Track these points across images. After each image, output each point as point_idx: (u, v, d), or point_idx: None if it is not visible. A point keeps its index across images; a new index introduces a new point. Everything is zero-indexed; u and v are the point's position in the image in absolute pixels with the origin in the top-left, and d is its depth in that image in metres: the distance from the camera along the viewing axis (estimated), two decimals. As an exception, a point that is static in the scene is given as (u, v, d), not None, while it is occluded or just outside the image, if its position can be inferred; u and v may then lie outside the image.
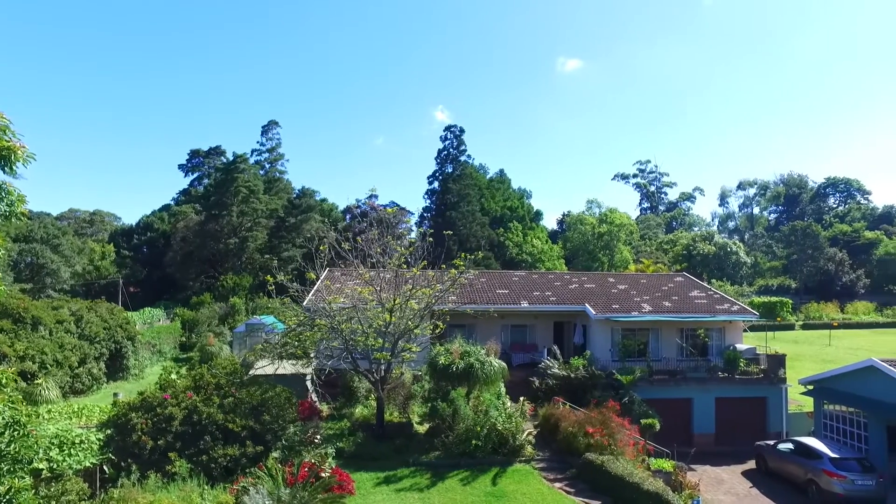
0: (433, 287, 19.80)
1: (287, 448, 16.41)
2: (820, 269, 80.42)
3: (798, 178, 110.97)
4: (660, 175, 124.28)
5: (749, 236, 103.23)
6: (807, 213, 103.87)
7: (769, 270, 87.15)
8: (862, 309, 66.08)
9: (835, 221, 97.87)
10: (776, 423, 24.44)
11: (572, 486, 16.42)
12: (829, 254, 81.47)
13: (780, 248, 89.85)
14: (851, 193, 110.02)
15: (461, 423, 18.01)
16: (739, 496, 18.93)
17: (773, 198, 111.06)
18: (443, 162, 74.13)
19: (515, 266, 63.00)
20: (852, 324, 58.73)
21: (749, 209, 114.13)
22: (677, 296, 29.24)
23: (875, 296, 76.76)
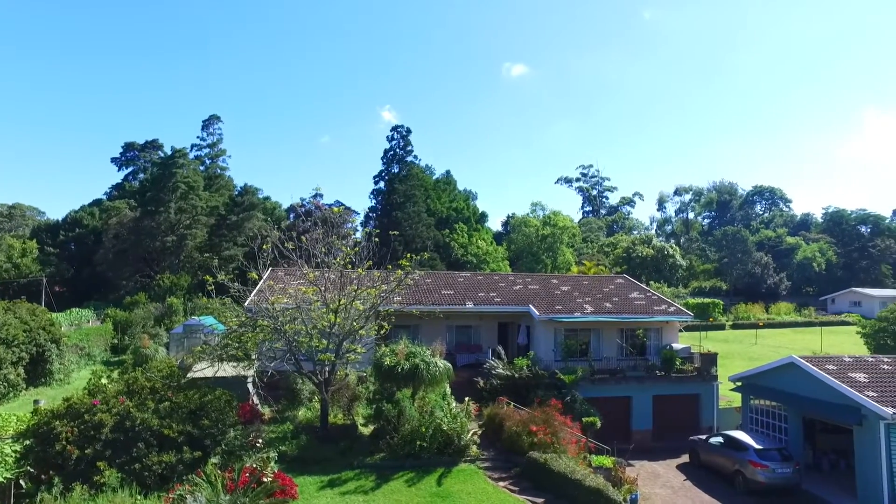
0: (379, 287, 19.65)
1: (227, 453, 15.89)
2: (748, 272, 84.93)
3: (729, 186, 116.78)
4: (602, 180, 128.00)
5: (685, 240, 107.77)
6: (736, 218, 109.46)
7: (703, 273, 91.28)
8: (784, 309, 70.12)
9: (761, 227, 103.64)
10: (708, 419, 25.59)
11: (516, 484, 16.65)
12: (756, 258, 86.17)
13: (712, 251, 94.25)
14: (775, 201, 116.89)
15: (406, 424, 17.95)
16: (674, 489, 19.71)
17: (707, 204, 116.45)
18: (389, 162, 73.78)
19: (461, 267, 63.37)
20: (776, 323, 62.21)
21: (685, 214, 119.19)
22: (618, 297, 30.11)
23: (795, 297, 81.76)
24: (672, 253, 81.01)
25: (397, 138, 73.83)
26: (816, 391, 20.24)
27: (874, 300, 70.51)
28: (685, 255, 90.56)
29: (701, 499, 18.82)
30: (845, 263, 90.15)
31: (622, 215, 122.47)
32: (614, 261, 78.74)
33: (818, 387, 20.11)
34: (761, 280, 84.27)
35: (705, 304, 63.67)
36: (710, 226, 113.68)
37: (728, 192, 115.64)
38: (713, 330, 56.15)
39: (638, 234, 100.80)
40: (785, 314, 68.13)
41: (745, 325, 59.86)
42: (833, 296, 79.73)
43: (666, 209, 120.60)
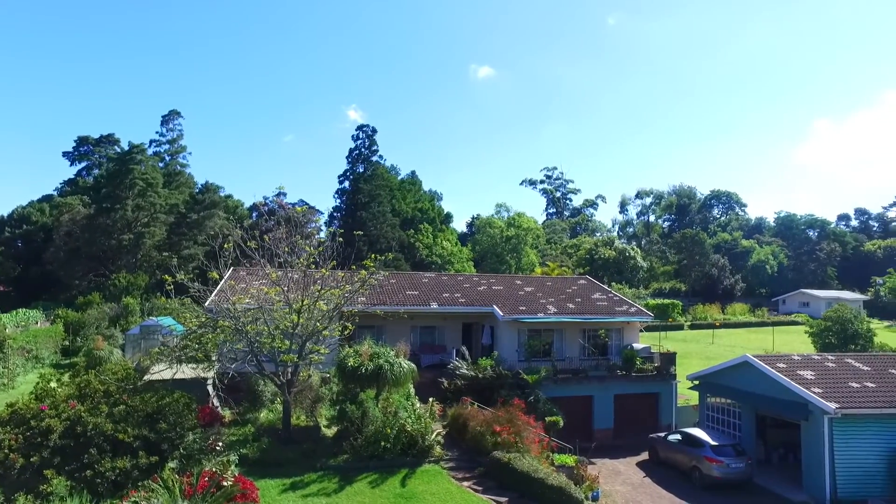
0: (343, 288, 19.48)
1: (186, 457, 15.48)
2: (706, 274, 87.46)
3: (688, 190, 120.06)
4: (565, 182, 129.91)
5: (645, 242, 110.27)
6: (695, 221, 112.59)
7: (663, 274, 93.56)
8: (739, 310, 72.51)
9: (718, 230, 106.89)
10: (667, 417, 26.23)
11: (480, 484, 16.74)
12: (713, 260, 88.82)
13: (672, 253, 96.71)
14: (732, 205, 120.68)
15: (370, 426, 17.84)
16: (634, 486, 20.13)
17: (667, 207, 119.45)
18: (354, 161, 73.28)
19: (425, 268, 63.38)
20: (731, 323, 64.23)
21: (646, 217, 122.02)
22: (580, 298, 30.57)
23: (749, 298, 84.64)
24: (633, 255, 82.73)
25: (363, 138, 73.42)
26: (768, 388, 20.98)
27: (821, 301, 73.52)
28: (646, 256, 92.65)
29: (659, 495, 19.28)
30: (795, 266, 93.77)
31: (585, 217, 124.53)
32: (577, 262, 79.95)
33: (770, 384, 20.86)
34: (718, 281, 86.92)
35: (665, 304, 65.30)
36: (670, 228, 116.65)
37: (687, 196, 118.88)
38: (672, 330, 57.60)
39: (600, 236, 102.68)
40: (740, 314, 70.44)
41: (702, 326, 61.61)
42: (784, 297, 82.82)
43: (628, 212, 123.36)
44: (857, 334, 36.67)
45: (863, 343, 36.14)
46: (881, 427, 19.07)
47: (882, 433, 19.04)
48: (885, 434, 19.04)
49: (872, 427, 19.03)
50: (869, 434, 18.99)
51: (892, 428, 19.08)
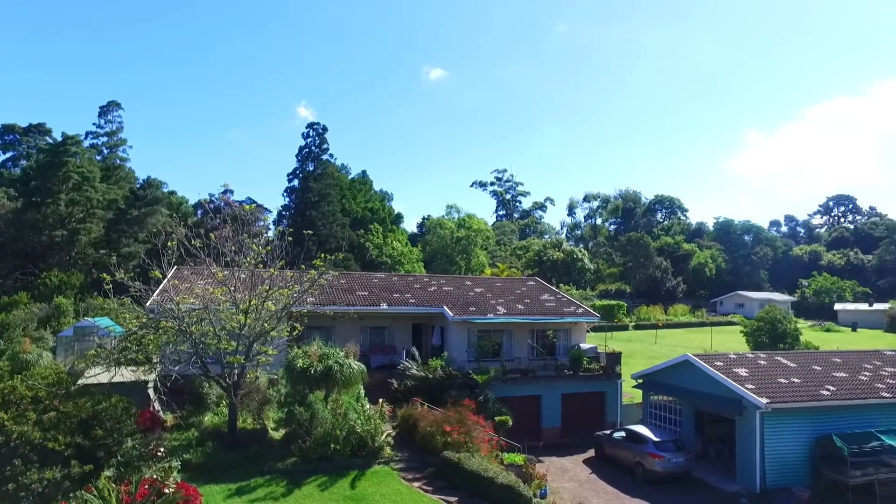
0: (291, 288, 19.11)
1: (124, 465, 14.80)
2: (649, 276, 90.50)
3: (633, 194, 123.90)
4: (515, 184, 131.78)
5: (592, 245, 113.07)
6: (640, 225, 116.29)
7: (609, 276, 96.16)
8: (680, 311, 75.39)
9: (661, 234, 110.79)
10: (612, 415, 26.93)
11: (430, 484, 16.76)
12: (656, 262, 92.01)
13: (617, 256, 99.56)
14: (674, 210, 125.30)
15: (319, 427, 17.57)
16: (581, 482, 20.61)
17: (613, 211, 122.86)
18: (304, 160, 72.06)
19: (375, 268, 62.98)
20: (673, 324, 66.70)
21: (593, 220, 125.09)
22: (529, 299, 31.01)
23: (690, 299, 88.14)
24: (581, 257, 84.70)
25: (313, 136, 72.30)
26: (707, 386, 21.91)
27: (754, 302, 77.30)
28: (593, 259, 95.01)
29: (605, 490, 19.82)
30: (732, 269, 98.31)
31: (534, 219, 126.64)
32: (526, 263, 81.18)
33: (708, 382, 21.78)
34: (661, 283, 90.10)
35: (611, 305, 67.12)
36: (616, 231, 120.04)
37: (633, 201, 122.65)
38: (618, 330, 59.29)
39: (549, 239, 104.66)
40: (681, 315, 73.23)
41: (646, 326, 63.69)
42: (721, 298, 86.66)
43: (576, 215, 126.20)
44: (786, 333, 38.85)
45: (790, 342, 38.32)
46: (804, 419, 20.33)
47: (805, 425, 20.32)
48: (807, 426, 20.33)
49: (797, 420, 20.25)
50: (794, 426, 20.21)
51: (813, 420, 20.41)
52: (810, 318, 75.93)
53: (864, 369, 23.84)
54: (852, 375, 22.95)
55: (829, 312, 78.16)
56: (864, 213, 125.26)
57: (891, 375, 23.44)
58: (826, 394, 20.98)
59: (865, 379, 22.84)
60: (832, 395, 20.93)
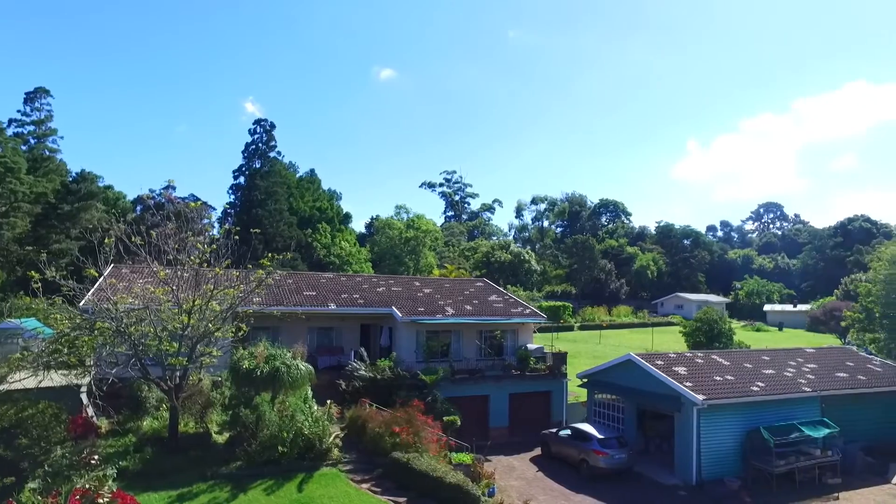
0: (237, 287, 18.64)
1: (52, 475, 13.99)
2: (594, 278, 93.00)
3: (579, 198, 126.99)
4: (464, 186, 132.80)
5: (539, 247, 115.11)
6: (585, 228, 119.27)
7: (555, 278, 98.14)
8: (623, 312, 77.80)
9: (606, 237, 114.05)
10: (558, 413, 27.49)
11: (379, 485, 16.69)
12: (601, 265, 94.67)
13: (564, 258, 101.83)
14: (618, 214, 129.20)
15: (265, 430, 17.20)
16: (528, 480, 20.96)
17: (560, 213, 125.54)
18: (251, 156, 70.31)
19: (323, 268, 62.14)
20: (617, 324, 68.75)
21: (540, 222, 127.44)
22: (477, 300, 31.26)
23: (632, 300, 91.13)
24: (528, 259, 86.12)
25: (260, 132, 70.66)
26: (648, 384, 22.72)
27: (692, 303, 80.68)
28: (540, 260, 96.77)
29: (551, 487, 20.23)
30: (672, 271, 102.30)
31: (482, 221, 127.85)
32: (475, 265, 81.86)
33: (650, 380, 22.60)
34: (605, 285, 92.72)
35: (557, 306, 68.49)
36: (563, 234, 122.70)
37: (579, 204, 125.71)
38: (564, 331, 60.55)
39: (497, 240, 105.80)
40: (624, 316, 75.57)
41: (591, 327, 65.37)
42: (662, 300, 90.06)
43: (523, 217, 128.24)
44: (721, 333, 40.76)
45: (725, 341, 40.23)
46: (736, 414, 21.46)
47: (737, 419, 21.45)
48: (739, 420, 21.47)
49: (730, 415, 21.33)
50: (727, 421, 21.28)
51: (744, 414, 21.58)
52: (743, 318, 79.85)
53: (789, 366, 25.34)
54: (779, 372, 24.35)
55: (760, 313, 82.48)
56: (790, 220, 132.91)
57: (811, 371, 25.10)
58: (756, 390, 22.18)
59: (790, 375, 24.29)
60: (761, 391, 22.16)
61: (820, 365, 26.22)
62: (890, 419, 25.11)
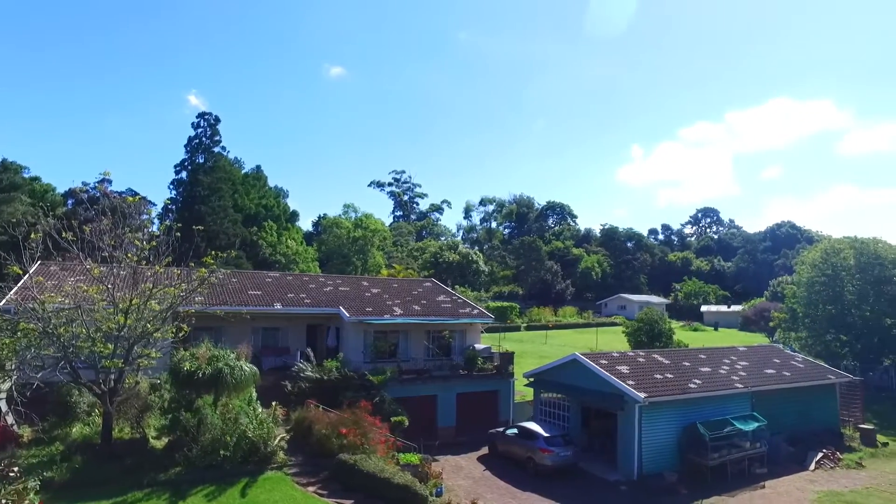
0: (178, 286, 17.94)
1: (-38, 491, 13.02)
2: (541, 279, 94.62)
3: (527, 200, 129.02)
4: (413, 186, 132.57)
5: (487, 248, 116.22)
6: (532, 230, 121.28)
7: (502, 278, 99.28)
8: (569, 312, 79.50)
9: (552, 239, 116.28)
10: (505, 413, 27.82)
11: (325, 487, 16.45)
12: (547, 266, 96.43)
13: (511, 259, 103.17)
14: (564, 216, 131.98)
15: (207, 434, 16.64)
16: (475, 479, 21.10)
17: (508, 215, 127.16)
18: (194, 151, 67.85)
19: (269, 267, 60.73)
20: (562, 324, 70.14)
21: (488, 223, 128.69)
22: (426, 300, 31.27)
23: (578, 301, 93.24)
24: (476, 259, 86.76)
25: (204, 126, 68.25)
26: (593, 383, 23.30)
27: (635, 304, 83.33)
28: (487, 261, 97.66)
29: (498, 486, 20.43)
30: (616, 273, 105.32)
31: (431, 221, 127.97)
32: (423, 265, 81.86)
33: (594, 379, 23.18)
34: (551, 286, 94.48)
35: (504, 307, 69.32)
36: (510, 235, 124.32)
37: (526, 206, 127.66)
38: (510, 331, 61.31)
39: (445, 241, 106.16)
40: (570, 316, 77.22)
41: (537, 327, 66.42)
42: (606, 300, 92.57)
43: (472, 218, 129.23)
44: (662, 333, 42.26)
45: (665, 340, 41.74)
46: (675, 410, 22.33)
47: (675, 415, 22.32)
48: (677, 416, 22.35)
49: (669, 411, 22.18)
50: (667, 417, 22.11)
51: (682, 411, 22.49)
52: (682, 318, 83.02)
53: (723, 364, 26.57)
54: (714, 370, 25.49)
55: (697, 313, 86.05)
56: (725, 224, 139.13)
57: (743, 369, 26.46)
58: (693, 387, 23.13)
59: (724, 372, 25.48)
60: (698, 388, 23.13)
61: (751, 362, 27.63)
62: (810, 411, 26.89)
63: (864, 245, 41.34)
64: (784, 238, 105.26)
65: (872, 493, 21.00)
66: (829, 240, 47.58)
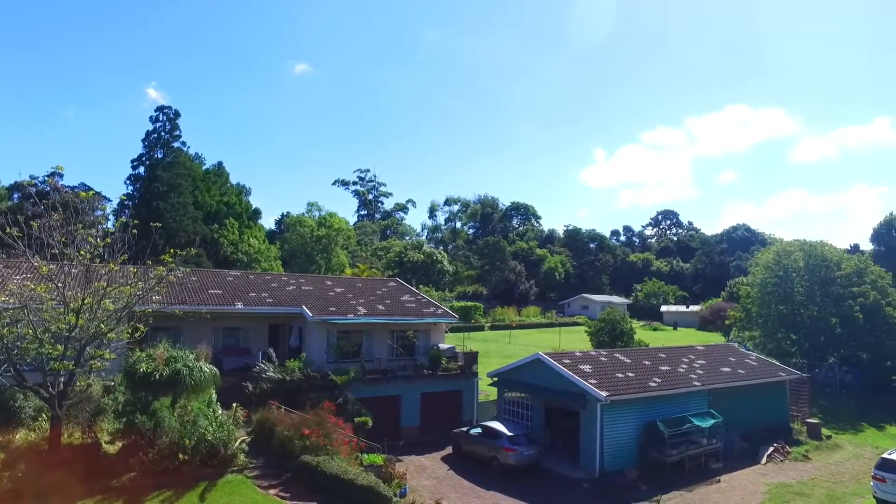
0: (134, 285, 17.32)
1: None
2: (505, 279, 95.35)
3: (491, 200, 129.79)
4: (378, 184, 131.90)
5: (452, 247, 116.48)
6: (497, 230, 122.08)
7: (467, 278, 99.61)
8: (532, 312, 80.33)
9: (516, 239, 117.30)
10: (469, 412, 27.88)
11: (288, 490, 16.18)
12: (511, 266, 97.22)
13: (475, 259, 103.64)
14: (529, 217, 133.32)
15: (164, 437, 16.15)
16: (439, 479, 21.09)
17: (472, 215, 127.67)
18: (152, 146, 65.81)
19: (230, 265, 59.49)
20: (526, 324, 70.81)
21: (453, 223, 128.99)
22: (390, 300, 31.07)
23: (541, 301, 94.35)
24: (440, 259, 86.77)
25: (163, 120, 66.30)
26: (556, 382, 23.57)
27: (597, 304, 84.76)
28: (452, 261, 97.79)
29: (462, 485, 20.48)
30: (578, 273, 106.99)
31: (395, 220, 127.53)
32: (387, 264, 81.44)
33: (557, 378, 23.45)
34: (515, 286, 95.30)
35: (468, 307, 69.53)
36: (475, 235, 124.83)
37: (491, 206, 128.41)
38: (474, 331, 61.55)
39: (410, 240, 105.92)
40: (533, 316, 78.01)
41: (501, 327, 66.86)
42: (569, 300, 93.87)
43: (436, 217, 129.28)
44: (623, 333, 43.09)
45: (627, 340, 42.57)
46: (636, 409, 22.80)
47: (636, 414, 22.80)
48: (638, 414, 22.83)
49: (630, 409, 22.64)
50: (628, 416, 22.56)
51: (643, 409, 22.99)
52: (642, 318, 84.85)
53: (682, 362, 27.27)
54: (673, 368, 26.13)
55: (657, 313, 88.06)
56: (684, 226, 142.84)
57: (701, 367, 27.20)
58: (653, 385, 23.65)
59: (683, 371, 26.14)
60: (658, 387, 23.66)
61: (708, 361, 28.44)
62: (762, 407, 27.87)
63: (813, 248, 43.15)
64: (739, 240, 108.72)
65: (817, 484, 22.21)
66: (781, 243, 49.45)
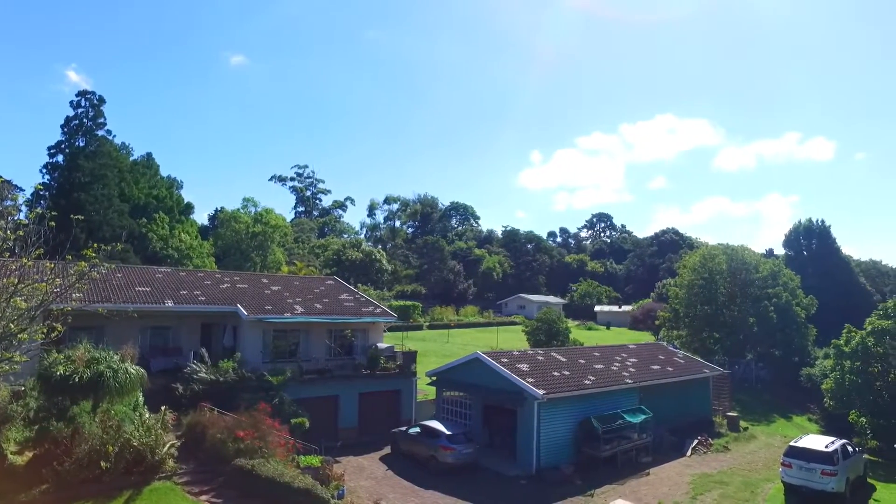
0: (51, 281, 16.17)
1: None
2: (443, 279, 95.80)
3: (431, 199, 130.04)
4: (316, 181, 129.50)
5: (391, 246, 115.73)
6: (436, 229, 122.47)
7: (405, 277, 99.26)
8: (470, 312, 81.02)
9: (455, 239, 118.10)
10: (408, 412, 27.79)
11: (220, 495, 15.59)
12: (450, 266, 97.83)
13: (414, 258, 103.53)
14: (468, 217, 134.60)
15: (83, 444, 15.14)
16: (378, 479, 20.90)
17: (412, 214, 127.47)
18: (73, 133, 61.72)
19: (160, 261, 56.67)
20: (464, 324, 71.32)
21: (392, 222, 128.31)
22: (328, 298, 30.57)
23: (479, 301, 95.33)
24: (379, 258, 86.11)
25: (86, 106, 62.28)
26: (494, 381, 23.86)
27: (534, 304, 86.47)
28: (391, 260, 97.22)
29: (401, 485, 20.38)
30: (516, 273, 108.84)
31: (334, 218, 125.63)
32: (325, 262, 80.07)
33: (495, 377, 23.75)
34: (454, 285, 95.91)
35: (407, 306, 69.30)
36: (414, 234, 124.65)
37: (430, 206, 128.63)
38: (413, 330, 61.42)
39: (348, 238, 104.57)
40: (471, 316, 78.68)
41: (439, 326, 67.05)
42: (506, 300, 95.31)
43: (376, 216, 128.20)
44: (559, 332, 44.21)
45: (563, 339, 43.67)
46: (571, 406, 23.45)
47: (572, 411, 23.44)
48: (573, 411, 23.49)
49: (566, 407, 23.25)
50: (563, 413, 23.17)
51: (578, 406, 23.66)
52: (577, 318, 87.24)
53: (615, 361, 28.25)
54: (607, 367, 27.02)
55: (591, 313, 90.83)
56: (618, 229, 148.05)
57: (632, 365, 28.29)
58: (588, 383, 24.37)
59: (616, 369, 27.09)
60: (592, 384, 24.40)
61: (639, 359, 29.61)
62: (688, 402, 29.35)
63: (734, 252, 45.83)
64: (668, 243, 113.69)
65: (735, 472, 23.86)
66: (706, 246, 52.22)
